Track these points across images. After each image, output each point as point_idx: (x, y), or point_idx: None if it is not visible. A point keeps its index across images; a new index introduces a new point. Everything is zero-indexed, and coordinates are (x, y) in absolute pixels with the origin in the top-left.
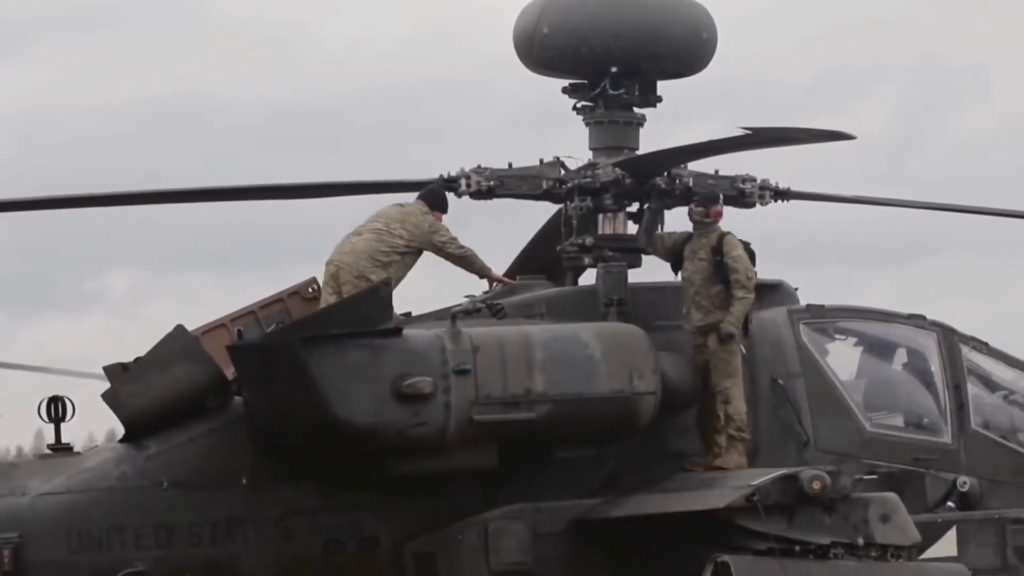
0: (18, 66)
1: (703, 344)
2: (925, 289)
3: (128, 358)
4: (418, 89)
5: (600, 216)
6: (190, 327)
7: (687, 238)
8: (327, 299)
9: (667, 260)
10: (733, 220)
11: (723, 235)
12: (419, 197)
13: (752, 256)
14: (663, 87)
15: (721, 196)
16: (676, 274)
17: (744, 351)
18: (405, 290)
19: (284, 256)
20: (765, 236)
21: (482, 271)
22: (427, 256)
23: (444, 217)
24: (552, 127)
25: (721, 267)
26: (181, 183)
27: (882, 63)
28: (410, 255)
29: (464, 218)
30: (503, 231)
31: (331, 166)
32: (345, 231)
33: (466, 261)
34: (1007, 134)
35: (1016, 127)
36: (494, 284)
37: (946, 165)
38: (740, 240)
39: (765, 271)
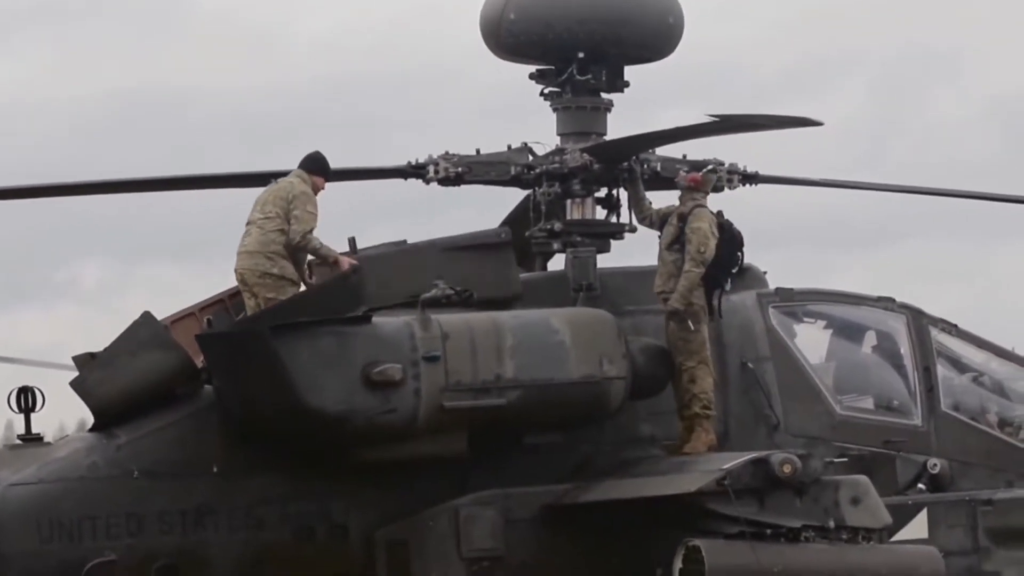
0: None
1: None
2: (898, 272)
3: (100, 348)
4: (391, 78)
5: (568, 201)
6: (162, 316)
7: (675, 208)
8: (249, 306)
9: (657, 230)
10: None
11: (696, 206)
12: (299, 164)
13: (737, 239)
14: (631, 72)
15: (711, 167)
16: None
17: (693, 327)
18: None
19: None
20: (735, 221)
21: (327, 257)
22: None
23: (325, 183)
24: (520, 114)
25: (681, 235)
26: (157, 173)
27: (857, 48)
28: None
29: (435, 206)
30: (473, 218)
31: (303, 155)
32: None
33: (312, 250)
34: (983, 119)
35: (992, 111)
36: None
37: (922, 150)
38: (725, 221)
39: None
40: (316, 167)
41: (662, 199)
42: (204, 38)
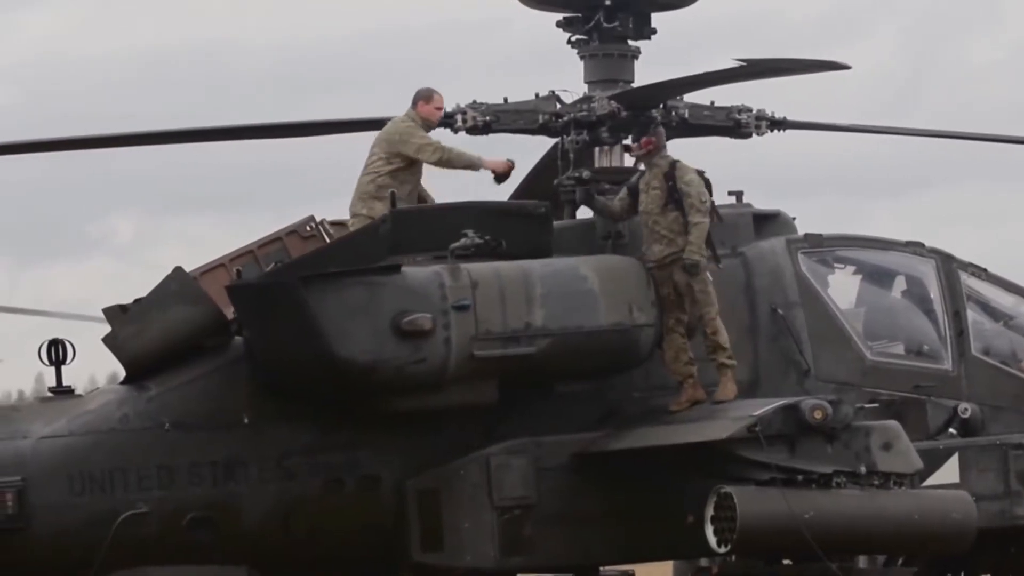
0: (36, 13)
1: (668, 277)
2: (927, 218)
3: (131, 301)
4: (419, 27)
5: (596, 149)
6: (192, 268)
7: (639, 176)
8: None
9: (632, 213)
10: (730, 151)
11: (674, 161)
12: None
13: (708, 185)
14: (659, 19)
15: (656, 124)
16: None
17: (711, 276)
18: None
19: (287, 197)
20: (767, 166)
21: (471, 164)
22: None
23: (438, 99)
24: (548, 62)
25: (674, 192)
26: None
27: None
28: (402, 170)
29: None
30: None
31: (335, 107)
32: (344, 171)
33: (447, 163)
34: (1016, 63)
35: None
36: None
37: (955, 95)
38: (694, 168)
39: (766, 201)
40: (416, 97)
41: (690, 147)
42: None
